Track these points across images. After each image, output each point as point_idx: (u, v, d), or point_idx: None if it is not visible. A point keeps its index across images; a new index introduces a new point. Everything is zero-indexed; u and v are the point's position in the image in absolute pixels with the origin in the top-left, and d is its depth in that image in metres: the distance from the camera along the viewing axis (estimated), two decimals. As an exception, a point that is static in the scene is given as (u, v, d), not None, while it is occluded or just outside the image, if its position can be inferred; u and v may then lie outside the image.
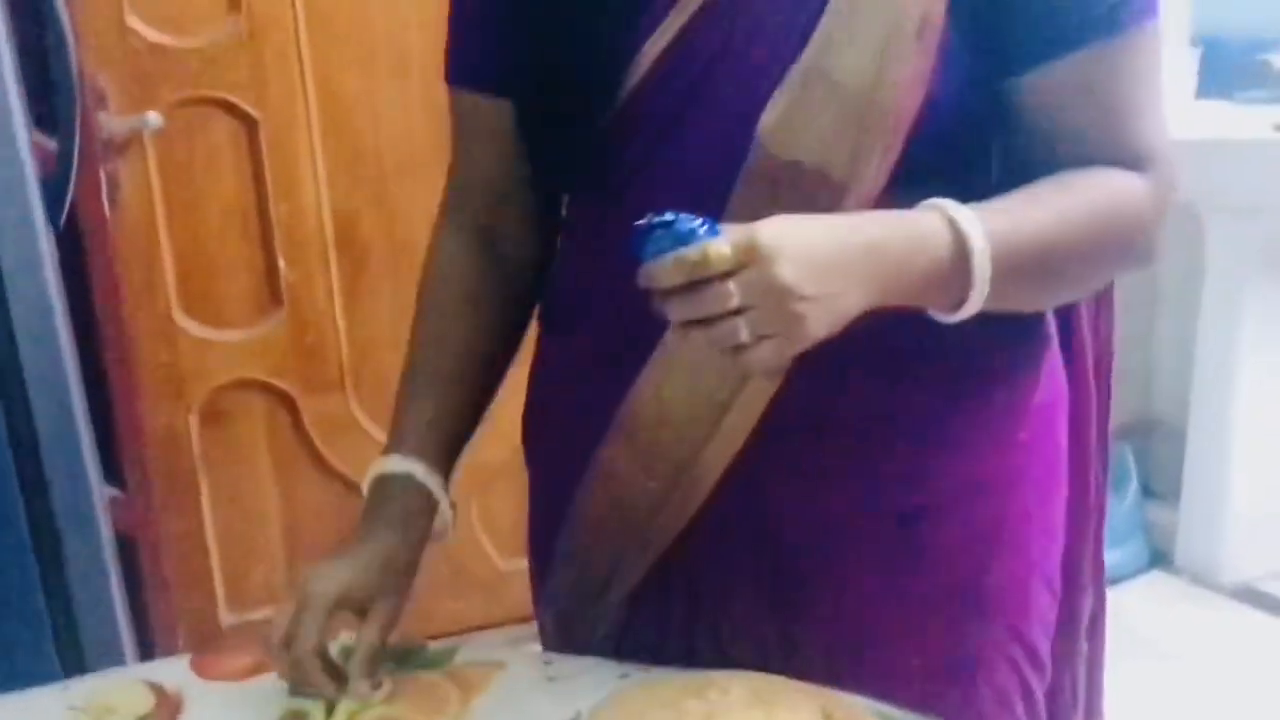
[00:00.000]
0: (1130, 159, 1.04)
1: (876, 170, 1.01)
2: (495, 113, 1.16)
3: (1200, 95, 3.19)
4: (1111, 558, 3.28)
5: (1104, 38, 1.01)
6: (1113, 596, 1.36)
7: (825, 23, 1.00)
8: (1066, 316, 1.22)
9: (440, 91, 1.21)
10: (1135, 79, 1.04)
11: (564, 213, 1.21)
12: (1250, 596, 3.05)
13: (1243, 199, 2.89)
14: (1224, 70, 3.15)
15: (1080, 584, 1.29)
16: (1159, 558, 3.23)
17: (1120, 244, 1.06)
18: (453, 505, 1.18)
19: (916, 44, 0.99)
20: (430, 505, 1.17)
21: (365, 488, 1.18)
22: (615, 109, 1.06)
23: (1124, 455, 3.31)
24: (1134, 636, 2.92)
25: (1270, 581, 3.08)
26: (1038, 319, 1.15)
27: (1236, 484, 3.04)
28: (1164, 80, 1.07)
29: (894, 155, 1.01)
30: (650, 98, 1.05)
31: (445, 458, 1.18)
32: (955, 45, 1.00)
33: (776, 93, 1.00)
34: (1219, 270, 3.01)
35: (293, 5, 2.54)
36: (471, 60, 1.19)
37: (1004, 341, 1.11)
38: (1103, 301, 1.28)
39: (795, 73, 1.00)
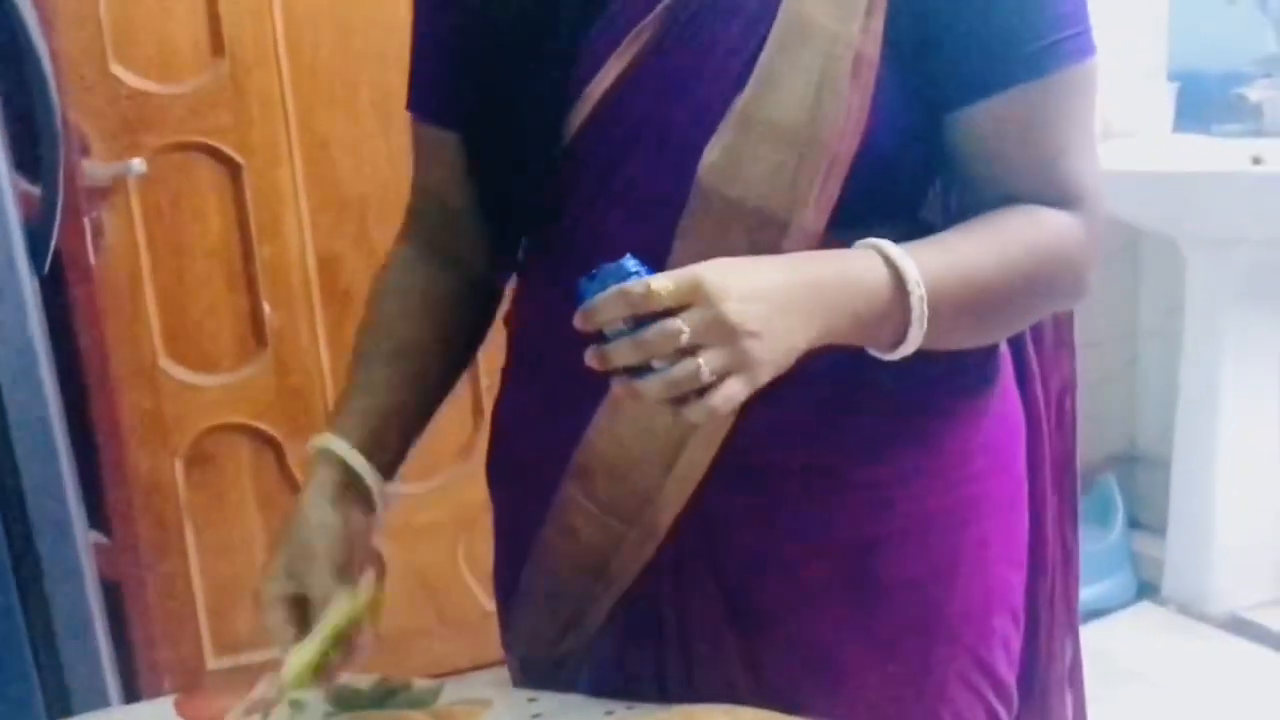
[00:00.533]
0: (1061, 197, 1.05)
1: (817, 208, 1.02)
2: (447, 143, 1.18)
3: (1177, 129, 3.21)
4: (1099, 589, 3.31)
5: (1034, 77, 1.03)
6: (1101, 628, 1.36)
7: (762, 62, 1.01)
8: (1019, 350, 1.23)
9: (421, 133, 1.23)
10: (1067, 118, 1.06)
11: (519, 254, 1.22)
12: (1238, 627, 3.04)
13: (1222, 231, 2.91)
14: (1201, 104, 3.17)
15: (1052, 619, 1.29)
16: (1146, 589, 3.22)
17: (1053, 281, 1.07)
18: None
19: (853, 81, 1.00)
20: (358, 480, 1.16)
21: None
22: (561, 147, 1.07)
23: (1109, 487, 3.31)
24: (1123, 667, 2.92)
25: (1258, 611, 3.07)
26: (986, 353, 1.16)
27: (1222, 514, 3.04)
28: (1096, 119, 1.09)
29: (834, 193, 1.02)
30: (595, 137, 1.07)
31: (373, 440, 1.17)
32: (890, 83, 1.02)
33: (715, 134, 1.02)
34: (1199, 302, 3.03)
35: (275, 49, 2.55)
36: (425, 92, 1.21)
37: (951, 375, 1.12)
38: (1062, 338, 1.28)
39: (734, 113, 1.02)
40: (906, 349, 0.98)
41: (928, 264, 0.96)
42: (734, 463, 1.09)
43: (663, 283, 0.86)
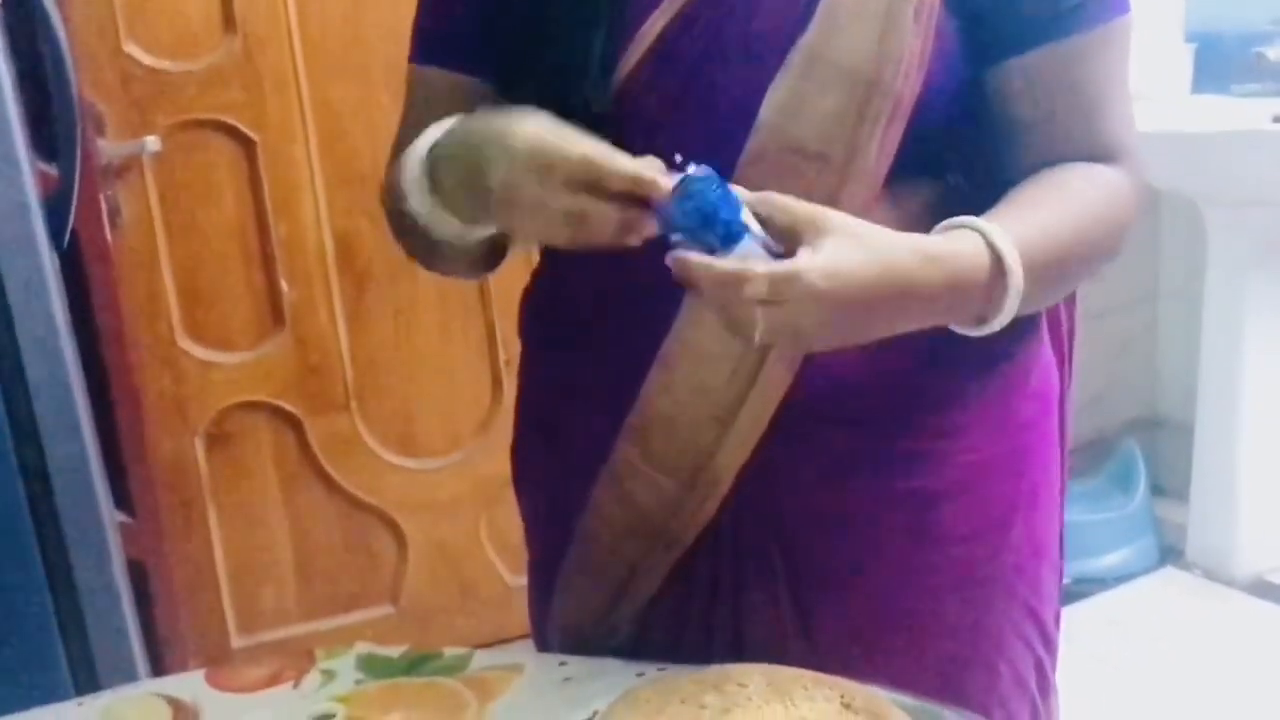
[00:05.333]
0: (1104, 151, 1.05)
1: (878, 156, 1.01)
2: (473, 93, 1.13)
3: (1196, 90, 3.19)
4: (1122, 555, 3.31)
5: (1077, 32, 1.03)
6: (1125, 594, 1.36)
7: (826, 2, 1.00)
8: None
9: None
10: (1108, 72, 1.06)
11: None
12: (1263, 589, 3.03)
13: (1242, 191, 2.89)
14: (1220, 64, 3.15)
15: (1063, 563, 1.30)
16: (1170, 554, 3.21)
17: (1111, 241, 1.07)
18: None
19: (914, 25, 0.99)
20: None
21: None
22: (611, 93, 1.04)
23: (1132, 452, 3.30)
24: (1147, 633, 2.92)
25: (1283, 574, 3.07)
26: None
27: (1246, 477, 3.03)
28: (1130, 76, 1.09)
29: (896, 139, 1.01)
30: (648, 81, 1.04)
31: None
32: (947, 29, 1.01)
33: (779, 75, 1.00)
34: (1221, 264, 3.01)
35: (288, 25, 2.55)
36: (449, 40, 1.16)
37: (1004, 331, 1.11)
38: None
39: (797, 54, 1.00)
40: (990, 329, 0.97)
41: (1023, 243, 0.95)
42: (793, 418, 1.08)
43: (756, 280, 0.85)
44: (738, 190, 0.89)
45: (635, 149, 1.05)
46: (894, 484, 1.12)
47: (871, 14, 0.99)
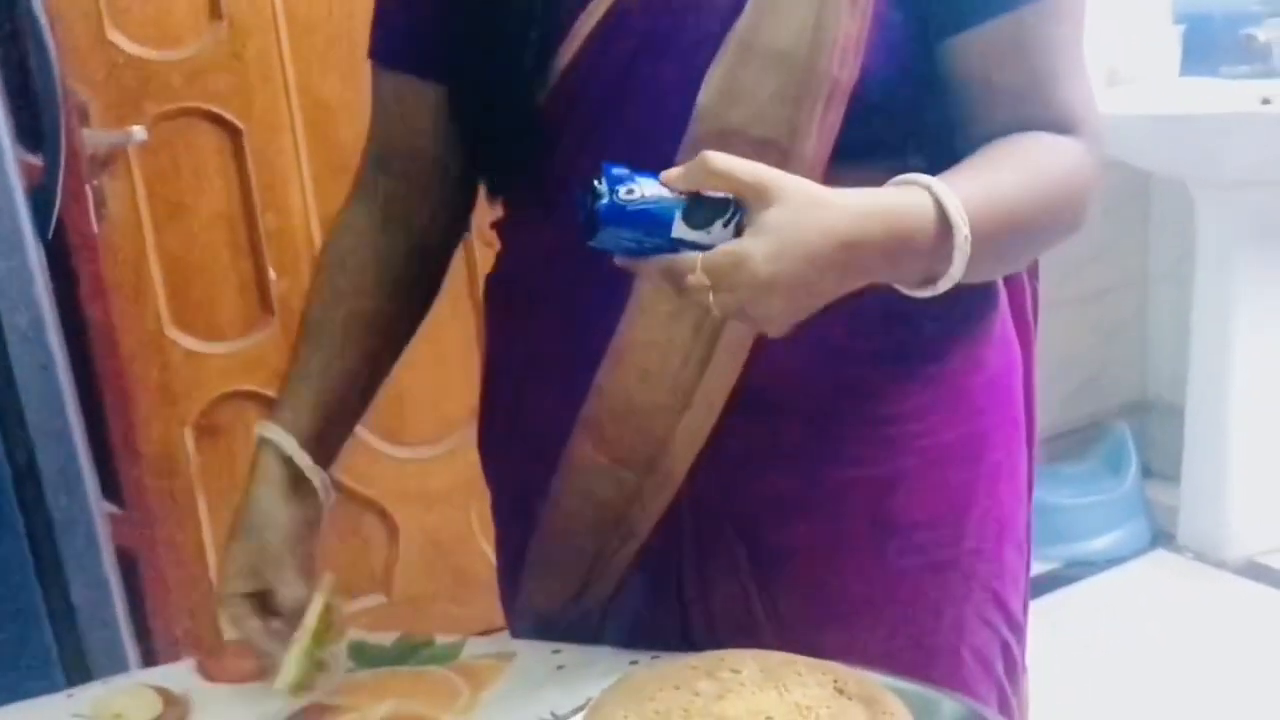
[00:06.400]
0: (1061, 122, 1.04)
1: (819, 140, 1.01)
2: (418, 95, 1.15)
3: (1185, 73, 3.19)
4: (1114, 538, 3.31)
5: (1023, 3, 1.01)
6: (1117, 577, 1.36)
7: None
8: (1015, 281, 1.22)
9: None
10: (1061, 44, 1.05)
11: (501, 212, 1.20)
12: (1255, 571, 3.05)
13: (1232, 173, 2.89)
14: (1208, 46, 3.15)
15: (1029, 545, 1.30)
16: (1162, 537, 3.23)
17: (1070, 210, 1.05)
18: (333, 482, 1.19)
19: (851, 7, 0.99)
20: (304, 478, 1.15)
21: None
22: (550, 87, 1.05)
23: (1123, 435, 3.31)
24: (1139, 615, 2.92)
25: (1274, 555, 3.08)
26: (985, 287, 1.15)
27: (1237, 459, 3.04)
28: (1085, 46, 1.08)
29: (835, 123, 1.01)
30: (586, 74, 1.05)
31: (318, 434, 1.16)
32: (885, 11, 1.00)
33: (715, 62, 1.00)
34: (1211, 245, 3.01)
35: (274, 13, 2.53)
36: (399, 42, 1.17)
37: (956, 312, 1.11)
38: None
39: (732, 40, 1.00)
40: (938, 289, 0.96)
41: (970, 200, 0.94)
42: (747, 405, 1.08)
43: (699, 275, 0.85)
44: (667, 175, 0.89)
45: (574, 146, 1.06)
46: (850, 471, 1.12)
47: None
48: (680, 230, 0.87)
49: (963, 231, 0.92)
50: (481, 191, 1.21)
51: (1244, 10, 3.05)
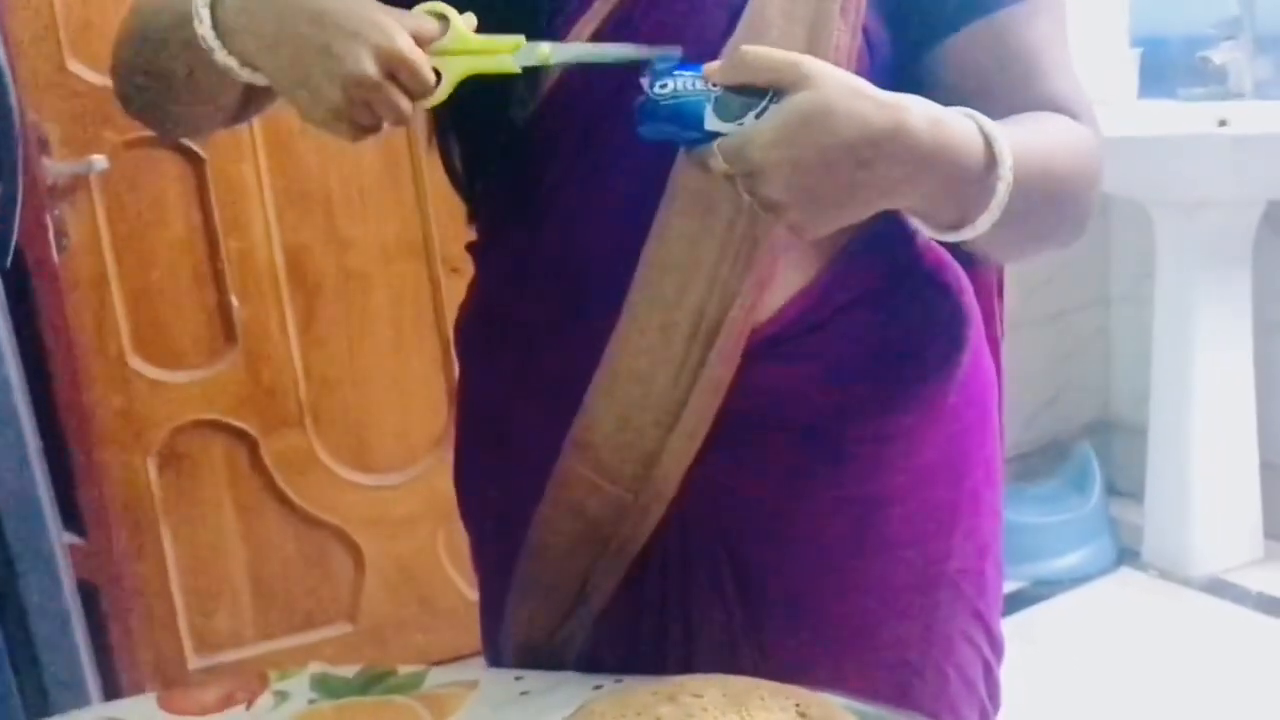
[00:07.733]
0: (1062, 112, 1.04)
1: None
2: None
3: (1143, 95, 3.22)
4: (1079, 557, 3.32)
5: (1011, 3, 1.02)
6: (1082, 595, 1.36)
7: (753, 5, 1.00)
8: (986, 300, 1.22)
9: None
10: (1047, 39, 1.05)
11: (477, 235, 1.19)
12: (1219, 589, 3.06)
13: (1190, 194, 2.92)
14: (1165, 69, 3.18)
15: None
16: (1126, 555, 3.24)
17: (1087, 182, 1.04)
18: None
19: (842, 22, 1.00)
20: None
21: None
22: (538, 104, 1.05)
23: (1087, 455, 3.33)
24: (1105, 634, 2.93)
25: (1238, 573, 3.09)
26: (957, 306, 1.15)
27: (1200, 477, 3.06)
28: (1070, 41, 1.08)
29: None
30: (579, 88, 1.04)
31: None
32: (875, 23, 1.02)
33: None
34: (1170, 266, 3.04)
35: (234, 41, 2.52)
36: None
37: (933, 331, 1.12)
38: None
39: (728, 52, 1.00)
40: (966, 234, 0.94)
41: (1016, 145, 0.92)
42: (736, 423, 1.08)
43: (720, 147, 0.87)
44: (708, 68, 0.90)
45: (567, 157, 1.05)
46: (837, 491, 1.12)
47: (800, 14, 1.00)
48: (713, 123, 0.89)
49: (1007, 162, 0.90)
50: (446, 215, 1.20)
51: (1200, 34, 3.08)
